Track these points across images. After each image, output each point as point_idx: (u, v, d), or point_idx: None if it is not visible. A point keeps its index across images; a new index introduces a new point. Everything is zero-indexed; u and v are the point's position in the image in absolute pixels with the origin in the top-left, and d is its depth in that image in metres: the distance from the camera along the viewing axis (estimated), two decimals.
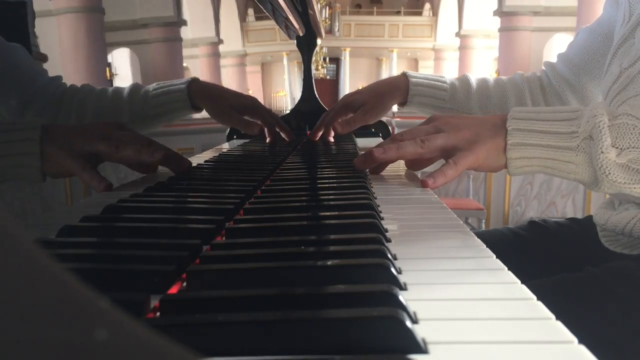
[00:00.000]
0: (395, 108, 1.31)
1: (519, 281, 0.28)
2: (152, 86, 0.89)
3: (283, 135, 1.01)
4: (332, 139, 1.01)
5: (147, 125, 0.90)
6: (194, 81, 0.89)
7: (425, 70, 18.09)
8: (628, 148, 0.49)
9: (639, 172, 0.49)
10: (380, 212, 0.45)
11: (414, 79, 0.89)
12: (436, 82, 0.89)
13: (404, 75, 0.91)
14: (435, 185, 0.58)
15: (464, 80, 0.91)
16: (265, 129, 0.95)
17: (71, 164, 0.58)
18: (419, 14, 17.68)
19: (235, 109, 0.90)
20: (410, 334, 0.20)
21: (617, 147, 0.49)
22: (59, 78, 0.90)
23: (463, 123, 0.59)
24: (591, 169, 0.51)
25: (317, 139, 1.00)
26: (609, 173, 0.49)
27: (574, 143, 0.52)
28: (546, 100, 0.91)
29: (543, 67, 0.95)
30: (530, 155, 0.54)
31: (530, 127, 0.54)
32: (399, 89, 0.89)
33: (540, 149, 0.53)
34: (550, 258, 0.77)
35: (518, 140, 0.54)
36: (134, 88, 0.89)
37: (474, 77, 0.92)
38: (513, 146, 0.54)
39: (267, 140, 0.98)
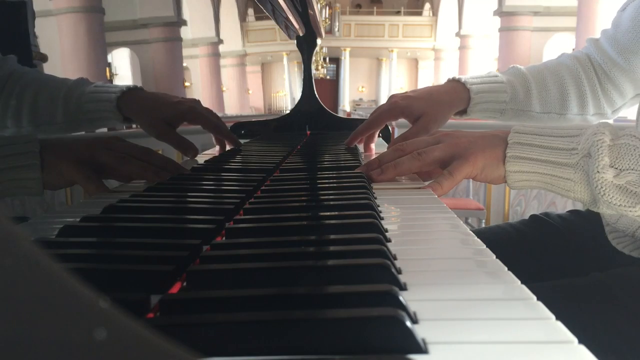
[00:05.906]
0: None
1: (518, 281, 0.28)
2: (90, 87, 0.81)
3: (228, 142, 0.90)
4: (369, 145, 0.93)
5: (83, 128, 0.82)
6: (130, 91, 0.80)
7: (425, 70, 18.12)
8: (627, 169, 0.47)
9: (637, 195, 0.47)
10: (380, 212, 0.45)
11: (474, 87, 0.80)
12: (494, 84, 0.81)
13: (458, 82, 0.82)
14: None
15: (518, 74, 0.82)
16: (213, 138, 0.87)
17: (75, 173, 0.56)
18: (419, 14, 17.71)
19: (172, 120, 0.81)
20: (410, 334, 0.20)
21: (616, 168, 0.48)
22: (12, 59, 0.82)
23: (463, 134, 0.58)
24: (589, 188, 0.50)
25: (355, 142, 0.89)
26: (604, 194, 0.48)
27: (573, 160, 0.51)
28: (601, 82, 0.81)
29: (586, 44, 0.84)
30: (528, 169, 0.53)
31: (531, 142, 0.53)
32: (460, 98, 0.80)
33: (539, 164, 0.53)
34: (552, 255, 0.76)
35: (517, 154, 0.54)
36: (74, 86, 0.80)
37: (524, 68, 0.83)
38: (511, 159, 0.54)
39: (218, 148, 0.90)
